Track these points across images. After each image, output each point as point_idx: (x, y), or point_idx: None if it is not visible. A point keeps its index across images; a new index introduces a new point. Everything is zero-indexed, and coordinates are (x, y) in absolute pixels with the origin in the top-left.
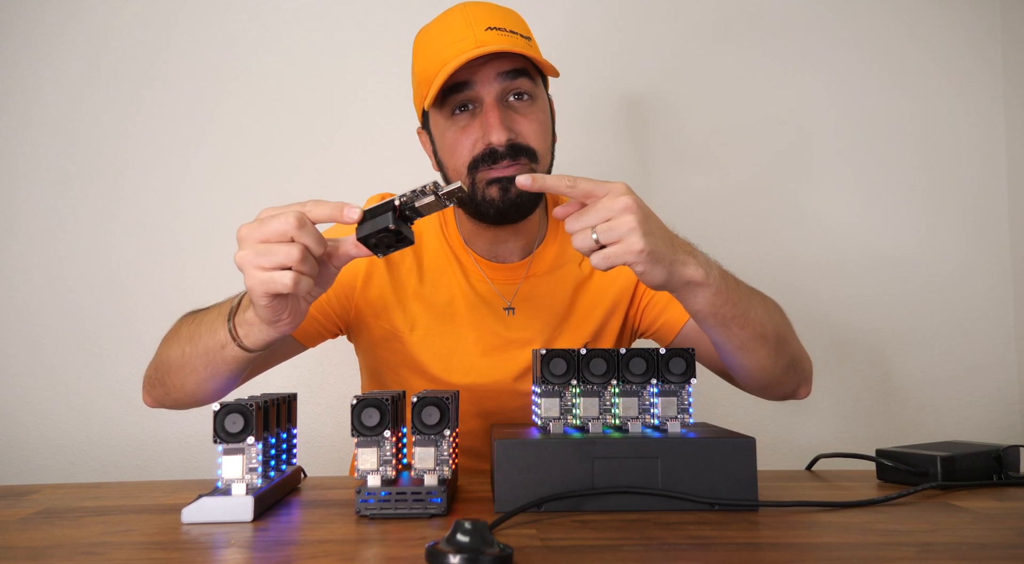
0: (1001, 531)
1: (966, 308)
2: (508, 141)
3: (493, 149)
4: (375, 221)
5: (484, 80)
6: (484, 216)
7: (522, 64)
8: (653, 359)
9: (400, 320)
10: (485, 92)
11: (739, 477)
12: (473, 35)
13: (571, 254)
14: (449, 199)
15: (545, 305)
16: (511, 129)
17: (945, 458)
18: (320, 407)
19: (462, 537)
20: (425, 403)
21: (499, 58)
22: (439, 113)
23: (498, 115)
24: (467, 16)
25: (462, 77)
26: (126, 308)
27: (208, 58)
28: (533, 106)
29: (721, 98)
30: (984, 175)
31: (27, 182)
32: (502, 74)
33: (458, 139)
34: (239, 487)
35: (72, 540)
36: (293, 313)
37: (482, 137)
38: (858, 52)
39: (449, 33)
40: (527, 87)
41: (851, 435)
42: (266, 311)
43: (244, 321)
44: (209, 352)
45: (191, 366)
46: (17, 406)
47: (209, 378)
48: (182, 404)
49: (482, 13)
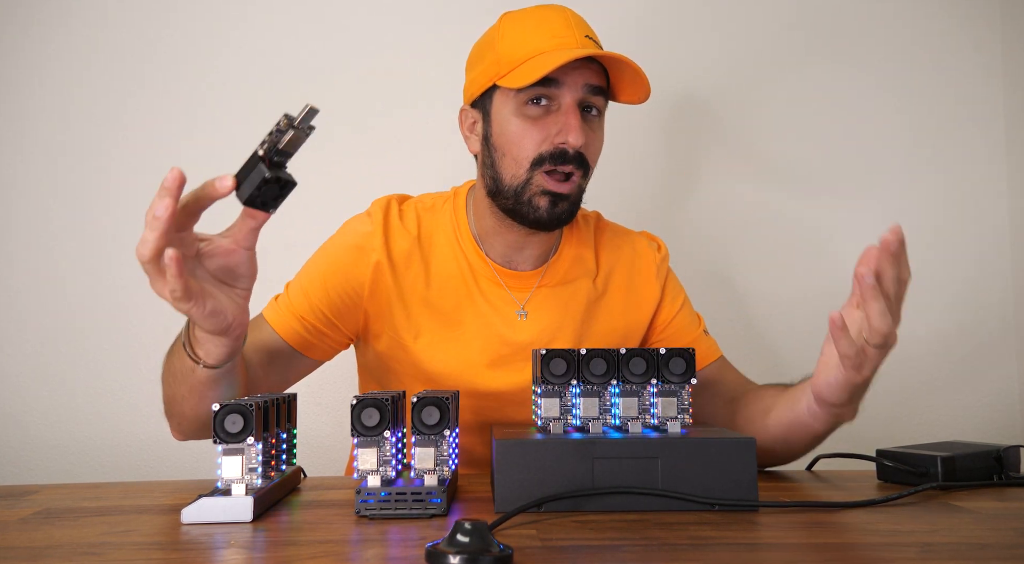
0: (1001, 531)
1: (966, 308)
2: (582, 148)
3: (564, 151)
4: (250, 178)
5: (573, 83)
6: (520, 217)
7: (604, 83)
8: (653, 359)
9: (404, 327)
10: (570, 95)
11: (739, 477)
12: (575, 37)
13: (586, 268)
14: (309, 125)
15: (557, 315)
16: (583, 137)
17: (945, 458)
18: (320, 407)
19: (462, 537)
20: (425, 403)
21: (589, 69)
22: (513, 97)
23: (579, 119)
24: (567, 18)
25: (556, 74)
26: (126, 308)
27: (207, 58)
28: (599, 123)
29: (743, 105)
30: (984, 175)
31: (27, 182)
32: (588, 85)
33: (527, 130)
34: (239, 487)
35: (72, 540)
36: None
37: (556, 135)
38: (859, 52)
39: (549, 26)
40: (600, 105)
41: (851, 435)
42: (203, 319)
43: (196, 342)
44: (186, 381)
45: (180, 396)
46: (17, 406)
47: (198, 403)
48: (200, 428)
49: (581, 20)
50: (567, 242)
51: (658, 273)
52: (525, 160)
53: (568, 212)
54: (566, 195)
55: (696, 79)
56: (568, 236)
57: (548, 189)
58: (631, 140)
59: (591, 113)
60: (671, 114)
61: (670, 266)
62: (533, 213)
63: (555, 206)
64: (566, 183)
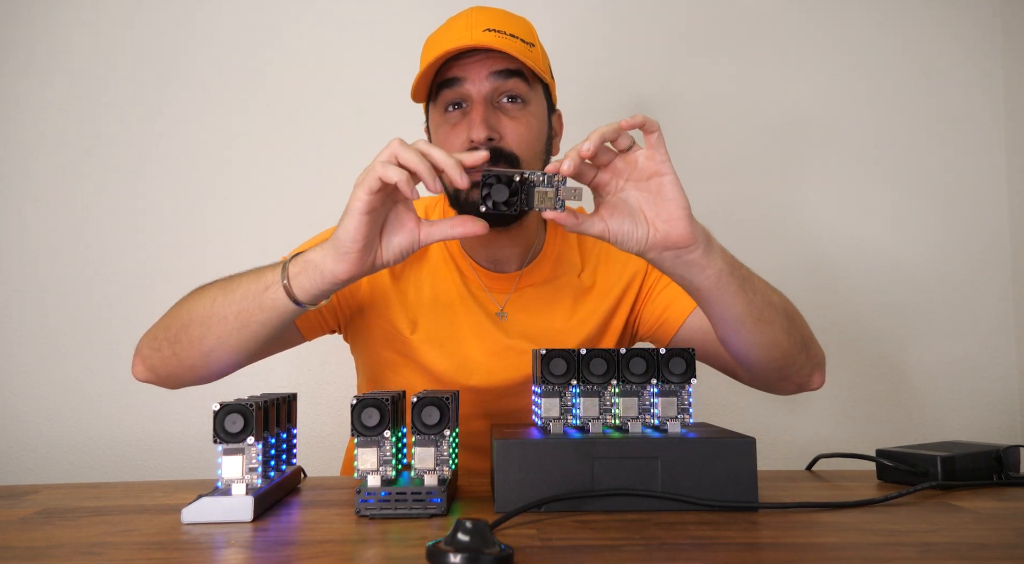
0: (1001, 531)
1: (966, 308)
2: (488, 140)
3: (474, 148)
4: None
5: (475, 78)
6: None
7: (516, 66)
8: (653, 359)
9: (401, 321)
10: (475, 89)
11: (739, 477)
12: (470, 34)
13: (570, 265)
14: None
15: (539, 314)
16: (494, 129)
17: (945, 458)
18: (320, 407)
19: (463, 537)
20: (425, 403)
21: (492, 58)
22: (434, 109)
23: (482, 113)
24: (470, 18)
25: (455, 73)
26: (126, 308)
27: (205, 58)
28: (524, 110)
29: (721, 101)
30: (984, 175)
31: (27, 181)
32: (494, 73)
33: (448, 136)
34: (239, 487)
35: (72, 540)
36: (366, 249)
37: (468, 135)
38: (858, 53)
39: (449, 33)
40: (520, 90)
41: (851, 435)
42: (354, 222)
43: (302, 260)
44: (247, 296)
45: (219, 315)
46: (17, 406)
47: (236, 330)
48: (186, 367)
49: (485, 16)
50: (551, 242)
51: None
52: None
53: None
54: None
55: (695, 81)
56: (552, 236)
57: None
58: None
59: (514, 102)
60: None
61: None
62: (472, 209)
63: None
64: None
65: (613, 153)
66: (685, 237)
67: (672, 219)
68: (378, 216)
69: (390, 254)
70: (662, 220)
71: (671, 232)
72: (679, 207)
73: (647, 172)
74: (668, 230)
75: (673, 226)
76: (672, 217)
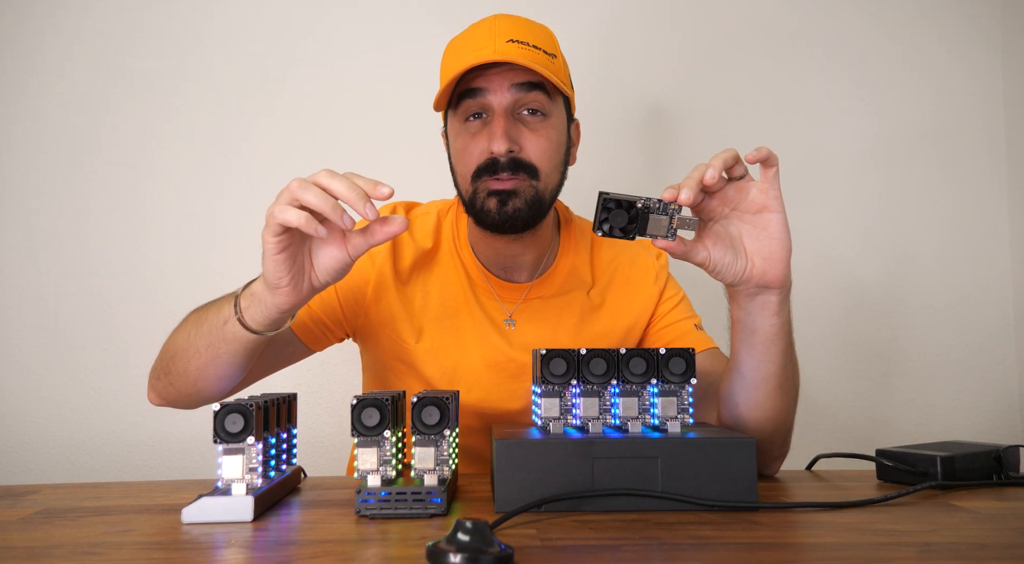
0: (1001, 531)
1: (966, 308)
2: (509, 152)
3: (495, 159)
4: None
5: (497, 89)
6: (483, 224)
7: (537, 78)
8: (653, 359)
9: (406, 330)
10: (496, 101)
11: (739, 477)
12: (493, 45)
13: (580, 280)
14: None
15: (547, 326)
16: (515, 141)
17: (945, 458)
18: (320, 407)
19: (463, 536)
20: (425, 403)
21: (515, 70)
22: (454, 117)
23: (503, 125)
24: (493, 27)
25: (477, 84)
26: (126, 308)
27: (213, 61)
28: (544, 123)
29: (731, 107)
30: (984, 175)
31: (27, 182)
32: (516, 85)
33: (467, 145)
34: (239, 487)
35: (72, 540)
36: (295, 281)
37: (488, 146)
38: (857, 53)
39: (472, 41)
40: (541, 103)
41: (851, 435)
42: (271, 263)
43: (249, 293)
44: (212, 330)
45: (194, 348)
46: (18, 406)
47: (210, 361)
48: (185, 395)
49: (508, 25)
50: (564, 253)
51: (656, 279)
52: (468, 175)
53: (526, 211)
54: (511, 191)
55: (689, 82)
56: (565, 247)
57: (492, 189)
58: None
59: (535, 114)
60: (661, 120)
61: (670, 273)
62: (487, 217)
63: (504, 204)
64: (509, 180)
65: (724, 181)
66: (780, 279)
67: (773, 258)
68: (296, 250)
69: (326, 275)
70: (761, 257)
71: (768, 270)
72: (783, 248)
73: (757, 205)
74: (766, 268)
75: (772, 265)
76: (774, 257)
